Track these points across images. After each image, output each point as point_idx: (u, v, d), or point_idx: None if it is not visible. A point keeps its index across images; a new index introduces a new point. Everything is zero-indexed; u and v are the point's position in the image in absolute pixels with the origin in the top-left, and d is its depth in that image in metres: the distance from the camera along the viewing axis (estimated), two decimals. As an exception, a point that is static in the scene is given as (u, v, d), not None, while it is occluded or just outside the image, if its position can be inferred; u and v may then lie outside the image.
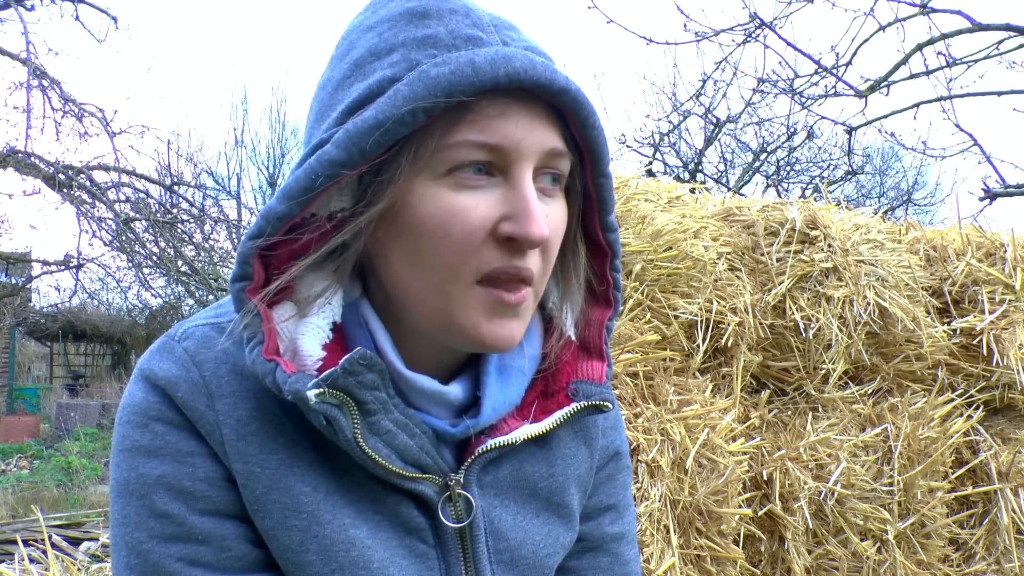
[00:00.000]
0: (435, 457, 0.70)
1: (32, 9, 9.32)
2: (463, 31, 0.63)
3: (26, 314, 14.84)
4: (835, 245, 2.34)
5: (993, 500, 2.45)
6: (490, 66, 0.60)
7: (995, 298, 2.59)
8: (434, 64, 0.60)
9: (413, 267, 0.65)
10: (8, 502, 7.01)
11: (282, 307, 0.67)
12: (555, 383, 0.75)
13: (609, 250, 0.74)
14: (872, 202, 13.37)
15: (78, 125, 9.88)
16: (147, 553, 0.65)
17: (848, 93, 4.93)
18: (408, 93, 0.59)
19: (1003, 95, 4.70)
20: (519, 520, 0.75)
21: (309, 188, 0.61)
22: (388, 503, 0.70)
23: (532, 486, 0.77)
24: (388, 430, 0.67)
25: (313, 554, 0.66)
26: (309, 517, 0.66)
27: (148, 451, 0.66)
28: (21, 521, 5.83)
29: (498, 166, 0.64)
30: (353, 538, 0.67)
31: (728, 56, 5.69)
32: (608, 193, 0.71)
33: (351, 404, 0.64)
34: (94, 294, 14.57)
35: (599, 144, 0.67)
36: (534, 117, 0.63)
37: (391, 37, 0.63)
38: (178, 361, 0.67)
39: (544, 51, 0.67)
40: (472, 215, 0.63)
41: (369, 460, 0.66)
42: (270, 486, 0.66)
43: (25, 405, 13.33)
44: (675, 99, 10.60)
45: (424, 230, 0.63)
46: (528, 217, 0.62)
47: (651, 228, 1.99)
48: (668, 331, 2.04)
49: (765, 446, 2.16)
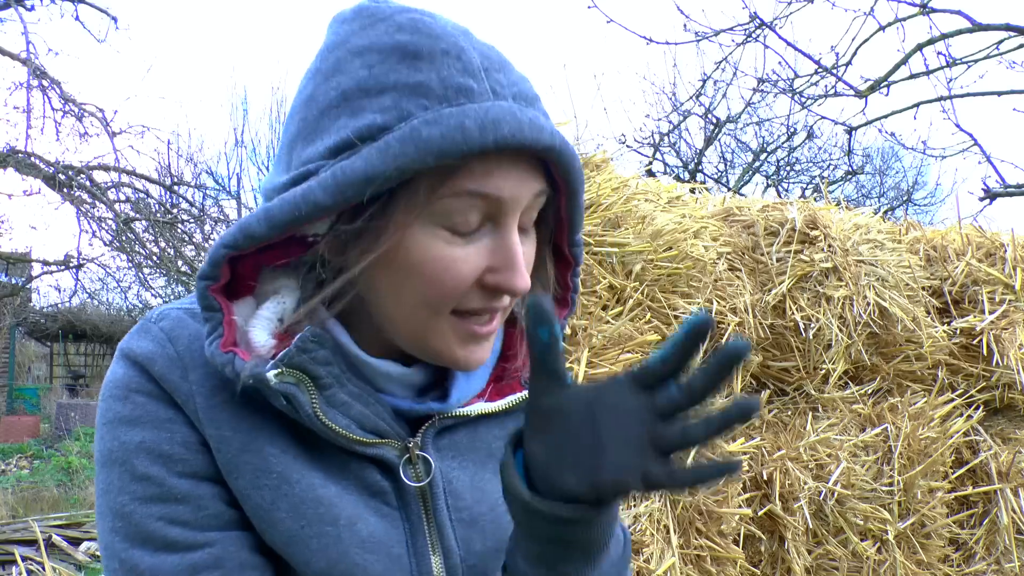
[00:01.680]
0: (392, 424, 0.75)
1: (32, 9, 9.32)
2: (454, 80, 0.65)
3: (26, 314, 14.85)
4: (835, 245, 2.34)
5: (993, 500, 2.45)
6: (479, 132, 0.63)
7: (995, 298, 2.59)
8: (425, 122, 0.63)
9: (395, 298, 0.70)
10: (8, 502, 7.01)
11: (243, 302, 0.72)
12: (513, 372, 0.82)
13: (573, 261, 0.81)
14: (872, 202, 13.38)
15: (78, 125, 9.89)
16: (130, 515, 0.70)
17: (848, 93, 4.94)
18: (399, 152, 0.63)
19: (1003, 95, 4.70)
20: (476, 481, 0.80)
21: (291, 221, 0.65)
22: (353, 468, 0.75)
23: (488, 447, 0.82)
24: (344, 401, 0.72)
25: (283, 512, 0.71)
26: (279, 477, 0.71)
27: (129, 420, 0.71)
28: (21, 521, 5.83)
29: (490, 216, 0.68)
30: (321, 497, 0.72)
31: (728, 56, 5.70)
32: (579, 216, 0.77)
33: (307, 381, 0.69)
34: (94, 294, 14.59)
35: (577, 182, 0.72)
36: (522, 169, 0.68)
37: (381, 75, 0.66)
38: (155, 339, 0.72)
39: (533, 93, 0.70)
40: (463, 266, 0.68)
41: (330, 431, 0.71)
42: (241, 448, 0.71)
43: (25, 405, 13.33)
44: (675, 99, 10.60)
45: (414, 273, 0.68)
46: (514, 271, 0.68)
47: (651, 228, 1.99)
48: (668, 331, 2.04)
49: (765, 446, 2.16)
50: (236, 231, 0.67)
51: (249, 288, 0.73)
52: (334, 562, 0.72)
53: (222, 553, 0.71)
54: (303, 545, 0.72)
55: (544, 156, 0.68)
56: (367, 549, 0.74)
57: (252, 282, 0.73)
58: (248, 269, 0.72)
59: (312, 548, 0.72)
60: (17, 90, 9.54)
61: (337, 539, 0.72)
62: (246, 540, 0.72)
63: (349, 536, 0.73)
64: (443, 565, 0.77)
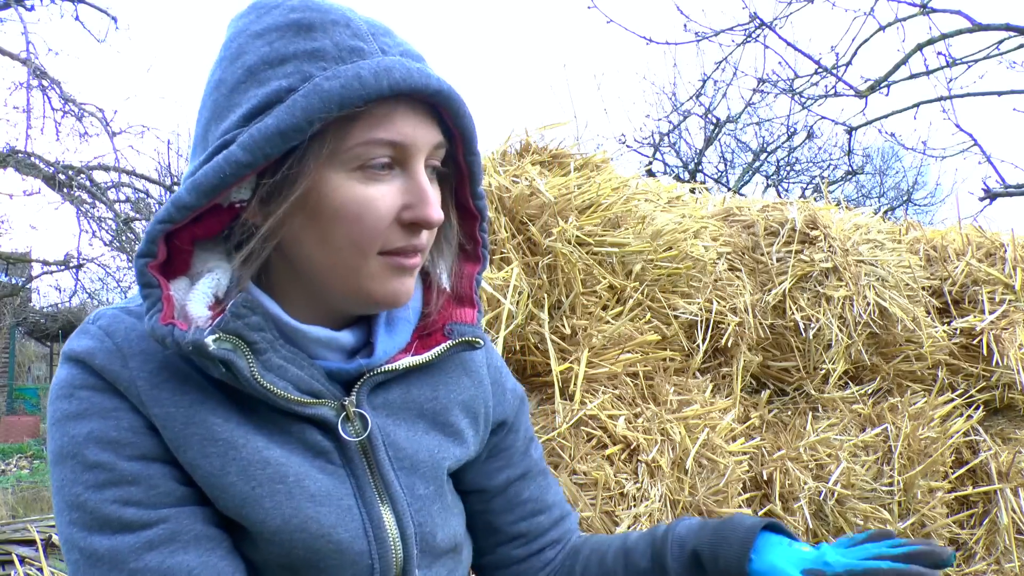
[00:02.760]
0: (327, 385, 0.80)
1: (32, 9, 9.31)
2: (346, 43, 0.73)
3: (26, 314, 14.84)
4: (835, 245, 2.34)
5: (993, 500, 2.45)
6: (374, 79, 0.70)
7: (995, 298, 2.59)
8: (325, 78, 0.71)
9: (324, 246, 0.76)
10: (8, 502, 7.00)
11: (178, 281, 0.76)
12: (434, 327, 0.88)
13: (479, 214, 0.88)
14: (872, 202, 13.37)
15: (78, 125, 9.88)
16: (84, 503, 0.73)
17: (848, 93, 4.94)
18: (305, 104, 0.70)
19: (1003, 95, 4.70)
20: (411, 435, 0.86)
21: (218, 184, 0.71)
22: (294, 431, 0.79)
23: (419, 407, 0.88)
24: (279, 365, 0.76)
25: (233, 476, 0.75)
26: (225, 443, 0.75)
27: (76, 415, 0.74)
28: (21, 521, 5.82)
29: (398, 160, 0.76)
30: (268, 458, 0.76)
31: (728, 56, 5.70)
32: (477, 168, 0.84)
33: (244, 347, 0.73)
34: (94, 294, 14.55)
35: (469, 130, 0.80)
36: (419, 115, 0.75)
37: (281, 48, 0.73)
38: (93, 337, 0.76)
39: (417, 53, 0.78)
40: (380, 204, 0.75)
41: (269, 394, 0.75)
42: (186, 422, 0.74)
43: (25, 405, 13.33)
44: (675, 99, 10.60)
45: (338, 216, 0.74)
46: (427, 205, 0.76)
47: (651, 228, 1.99)
48: (668, 331, 2.04)
49: (765, 446, 2.16)
50: (168, 205, 0.72)
51: (185, 266, 0.77)
52: (288, 517, 0.76)
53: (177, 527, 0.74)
54: (256, 505, 0.75)
55: (434, 100, 0.75)
56: (318, 503, 0.78)
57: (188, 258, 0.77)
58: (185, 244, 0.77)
59: (266, 507, 0.76)
60: (17, 90, 9.53)
61: (288, 495, 0.76)
62: (200, 514, 0.76)
63: (299, 492, 0.77)
64: (392, 511, 0.82)
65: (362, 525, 0.80)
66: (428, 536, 0.85)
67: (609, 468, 1.75)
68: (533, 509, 1.00)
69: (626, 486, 1.75)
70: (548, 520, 1.01)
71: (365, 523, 0.80)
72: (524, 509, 1.00)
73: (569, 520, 1.05)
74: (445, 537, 0.87)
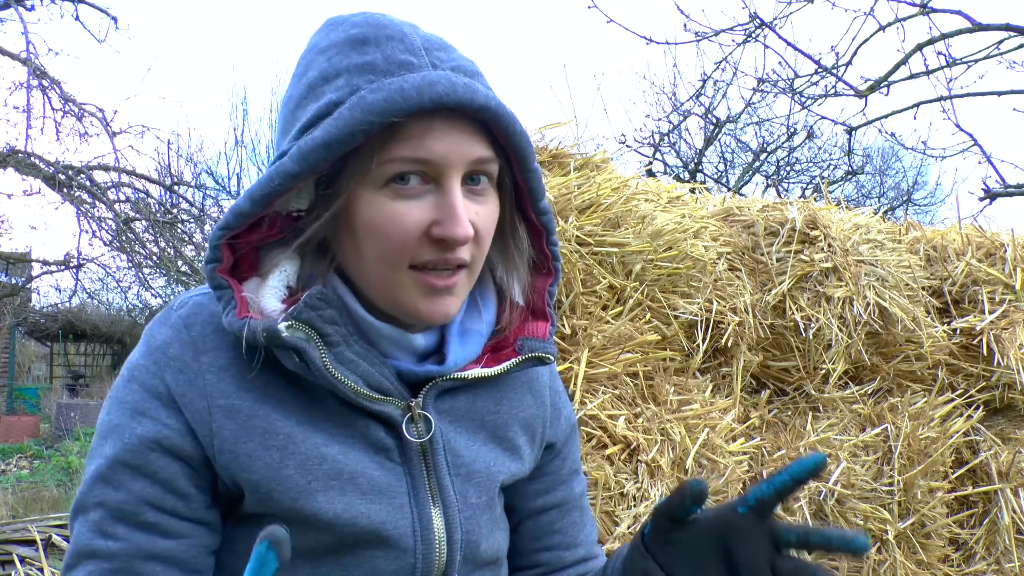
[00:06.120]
0: (396, 384, 0.82)
1: (32, 9, 9.31)
2: (397, 57, 0.74)
3: (26, 314, 14.83)
4: (835, 245, 2.34)
5: (993, 500, 2.45)
6: (416, 92, 0.71)
7: (995, 298, 2.59)
8: (371, 91, 0.72)
9: (360, 258, 0.78)
10: (8, 502, 7.00)
11: (250, 281, 0.80)
12: (506, 341, 0.89)
13: (544, 229, 0.88)
14: (872, 202, 13.36)
15: (78, 125, 9.88)
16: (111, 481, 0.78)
17: (848, 93, 4.93)
18: (348, 117, 0.71)
19: (1003, 95, 4.70)
20: (470, 444, 0.88)
21: (269, 193, 0.74)
22: (358, 427, 0.81)
23: (480, 418, 0.89)
24: (351, 359, 0.78)
25: (292, 468, 0.78)
26: (285, 438, 0.78)
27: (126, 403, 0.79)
28: (21, 521, 5.82)
29: (430, 176, 0.76)
30: (325, 454, 0.79)
31: (728, 56, 5.70)
32: (536, 184, 0.84)
33: (316, 338, 0.76)
34: (94, 294, 14.55)
35: (522, 147, 0.79)
36: (459, 132, 0.75)
37: (337, 63, 0.76)
38: (173, 327, 0.80)
39: (472, 69, 0.78)
40: (407, 220, 0.76)
41: (339, 384, 0.77)
42: (250, 414, 0.77)
43: (25, 405, 13.32)
44: (675, 99, 10.60)
45: (369, 230, 0.76)
46: (455, 221, 0.75)
47: (651, 228, 1.98)
48: (668, 331, 2.04)
49: (765, 446, 2.16)
50: (227, 214, 0.76)
51: (254, 267, 0.81)
52: (339, 512, 0.78)
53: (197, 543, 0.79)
54: (311, 498, 0.78)
55: (480, 116, 0.75)
56: (371, 500, 0.80)
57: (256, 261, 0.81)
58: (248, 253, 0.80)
59: (319, 500, 0.78)
60: (17, 90, 9.54)
61: (341, 491, 0.79)
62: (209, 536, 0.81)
63: (352, 488, 0.80)
64: (442, 515, 0.84)
65: (411, 524, 0.82)
66: (473, 544, 0.86)
67: (609, 468, 1.75)
68: (560, 542, 0.99)
69: (626, 486, 1.75)
70: (571, 558, 1.00)
71: (415, 522, 0.82)
72: (551, 540, 0.99)
73: (592, 563, 1.02)
74: (488, 548, 0.88)
